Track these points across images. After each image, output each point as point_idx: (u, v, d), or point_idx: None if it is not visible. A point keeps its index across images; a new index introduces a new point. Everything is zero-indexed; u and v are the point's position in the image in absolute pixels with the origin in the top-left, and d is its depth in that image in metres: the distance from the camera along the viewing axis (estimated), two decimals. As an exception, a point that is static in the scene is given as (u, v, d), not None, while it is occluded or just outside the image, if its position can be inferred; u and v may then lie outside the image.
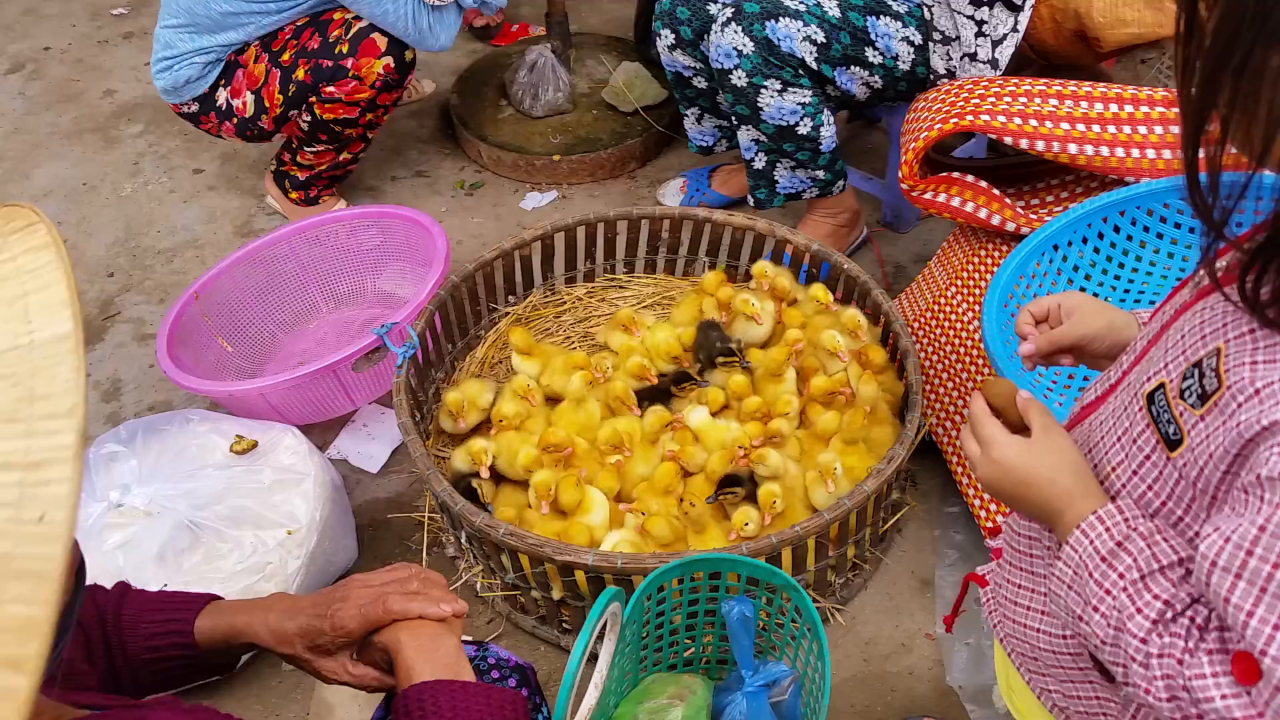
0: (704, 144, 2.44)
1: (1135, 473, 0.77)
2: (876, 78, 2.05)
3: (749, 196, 2.25)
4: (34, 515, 0.54)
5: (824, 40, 1.95)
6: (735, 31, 1.93)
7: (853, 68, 2.01)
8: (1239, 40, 0.61)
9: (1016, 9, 2.02)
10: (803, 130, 2.02)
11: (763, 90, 1.96)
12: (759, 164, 2.16)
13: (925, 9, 2.02)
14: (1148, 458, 0.76)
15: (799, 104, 1.99)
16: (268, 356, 2.24)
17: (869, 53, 2.01)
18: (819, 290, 1.92)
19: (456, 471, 1.81)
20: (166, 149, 2.85)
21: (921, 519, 1.85)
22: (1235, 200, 0.65)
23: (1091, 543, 0.76)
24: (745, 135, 2.11)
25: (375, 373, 1.98)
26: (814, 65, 1.96)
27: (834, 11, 1.97)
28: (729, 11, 1.96)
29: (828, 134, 2.07)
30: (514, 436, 1.83)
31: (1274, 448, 0.64)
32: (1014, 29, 2.05)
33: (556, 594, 1.61)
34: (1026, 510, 0.85)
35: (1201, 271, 0.73)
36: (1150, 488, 0.76)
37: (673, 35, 2.24)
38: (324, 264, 2.32)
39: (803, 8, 1.96)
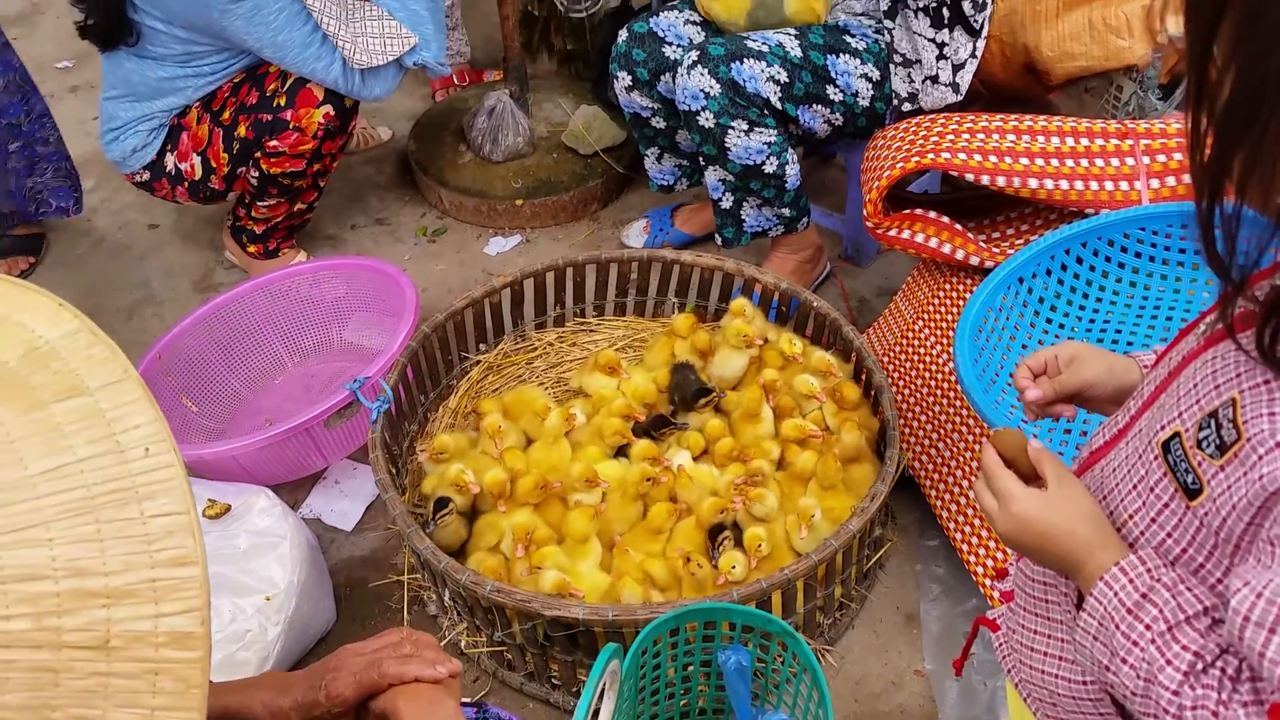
0: (665, 183, 2.46)
1: (1154, 520, 0.78)
2: (838, 115, 2.08)
3: (716, 235, 2.27)
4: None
5: (787, 80, 1.99)
6: (702, 74, 1.96)
7: (815, 106, 2.05)
8: (1259, 104, 0.61)
9: (975, 33, 2.07)
10: (769, 169, 2.05)
11: (730, 130, 1.99)
12: (726, 203, 2.18)
13: (886, 31, 2.06)
14: (1166, 505, 0.77)
15: (765, 143, 2.02)
16: (233, 415, 2.20)
17: (830, 90, 2.04)
18: (786, 343, 1.93)
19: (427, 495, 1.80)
20: (120, 204, 2.80)
21: (902, 554, 1.86)
22: (1255, 261, 0.66)
23: (1116, 594, 0.77)
24: (712, 175, 2.13)
25: (347, 428, 1.95)
26: (778, 105, 1.99)
27: (795, 51, 2.00)
28: (694, 55, 1.98)
29: (792, 172, 2.10)
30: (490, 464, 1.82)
31: None
32: (973, 54, 2.10)
33: (541, 632, 1.59)
34: (1047, 562, 0.85)
35: (1208, 319, 0.75)
36: (1170, 535, 0.77)
37: (630, 77, 2.26)
38: (288, 318, 2.29)
39: (765, 49, 1.99)
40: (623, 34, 2.28)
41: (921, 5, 2.00)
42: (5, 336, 0.66)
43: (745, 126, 1.99)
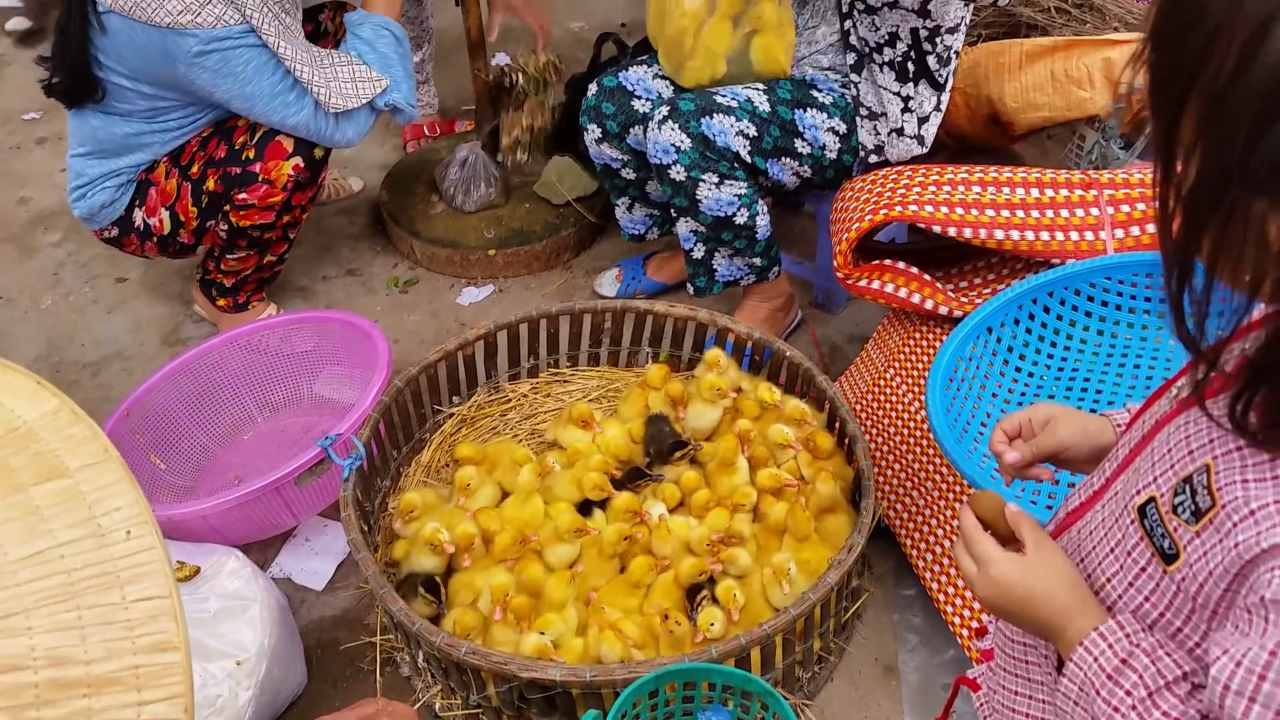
0: (636, 232, 2.48)
1: (1131, 584, 0.79)
2: (805, 167, 2.11)
3: (688, 285, 2.28)
4: None
5: (755, 134, 2.01)
6: (673, 129, 1.98)
7: (783, 159, 2.07)
8: (1225, 187, 0.62)
9: (940, 87, 2.11)
10: (740, 220, 2.07)
11: (701, 183, 2.01)
12: (698, 254, 2.19)
13: (853, 85, 2.09)
14: (1143, 570, 0.78)
15: (735, 195, 2.04)
16: (202, 472, 2.17)
17: (798, 144, 2.07)
18: (765, 391, 1.94)
19: (409, 570, 1.77)
20: (87, 257, 2.78)
21: (879, 604, 1.86)
22: (1228, 336, 0.67)
23: (1095, 660, 0.78)
24: (684, 226, 2.15)
25: (318, 484, 1.93)
26: (747, 158, 2.02)
27: (764, 106, 2.03)
28: (665, 110, 2.01)
29: (763, 222, 2.12)
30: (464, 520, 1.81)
31: (1275, 569, 0.66)
32: (937, 107, 2.14)
33: (517, 694, 1.56)
34: (1026, 626, 0.86)
35: (1180, 382, 0.76)
36: (1147, 599, 0.78)
37: (599, 130, 2.28)
38: (257, 372, 2.27)
39: (734, 104, 2.01)
40: (592, 88, 2.30)
41: (886, 60, 2.04)
42: None
43: (716, 179, 2.01)
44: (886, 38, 2.02)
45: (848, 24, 2.04)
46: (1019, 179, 1.94)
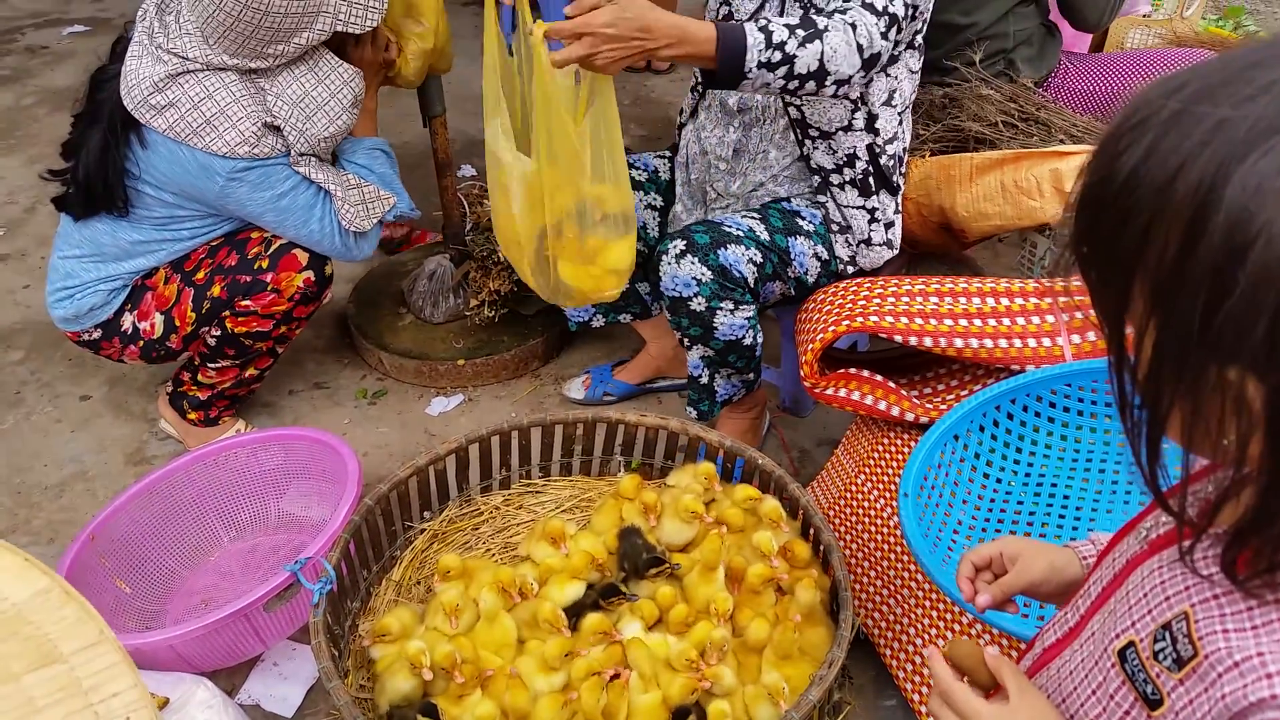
0: (580, 319, 2.48)
1: None
2: (790, 288, 2.16)
3: (690, 409, 2.28)
4: None
5: (760, 260, 2.05)
6: (693, 262, 2.00)
7: (775, 282, 2.12)
8: (1187, 353, 0.62)
9: (896, 190, 2.19)
10: (746, 341, 2.10)
11: (719, 311, 2.03)
12: (704, 379, 2.21)
13: (820, 206, 2.16)
14: (1127, 713, 0.79)
15: (745, 319, 2.07)
16: (168, 595, 2.12)
17: (789, 270, 2.12)
18: (749, 489, 1.95)
19: (390, 701, 1.73)
20: (50, 375, 2.75)
21: (860, 715, 1.84)
22: (1215, 507, 0.68)
23: None
24: (695, 354, 2.17)
25: (287, 609, 1.89)
26: (753, 284, 2.06)
27: (764, 235, 2.08)
28: (681, 244, 2.02)
29: (760, 341, 2.15)
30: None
31: None
32: (897, 210, 2.22)
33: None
34: None
35: (1147, 522, 0.78)
36: None
37: None
38: (224, 490, 2.24)
39: (740, 233, 2.06)
40: None
41: (847, 179, 2.11)
42: None
43: (731, 307, 2.03)
44: (845, 159, 2.10)
45: (805, 148, 2.11)
46: (975, 289, 2.00)
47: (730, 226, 2.06)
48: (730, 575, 1.86)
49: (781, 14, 2.03)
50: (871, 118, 2.06)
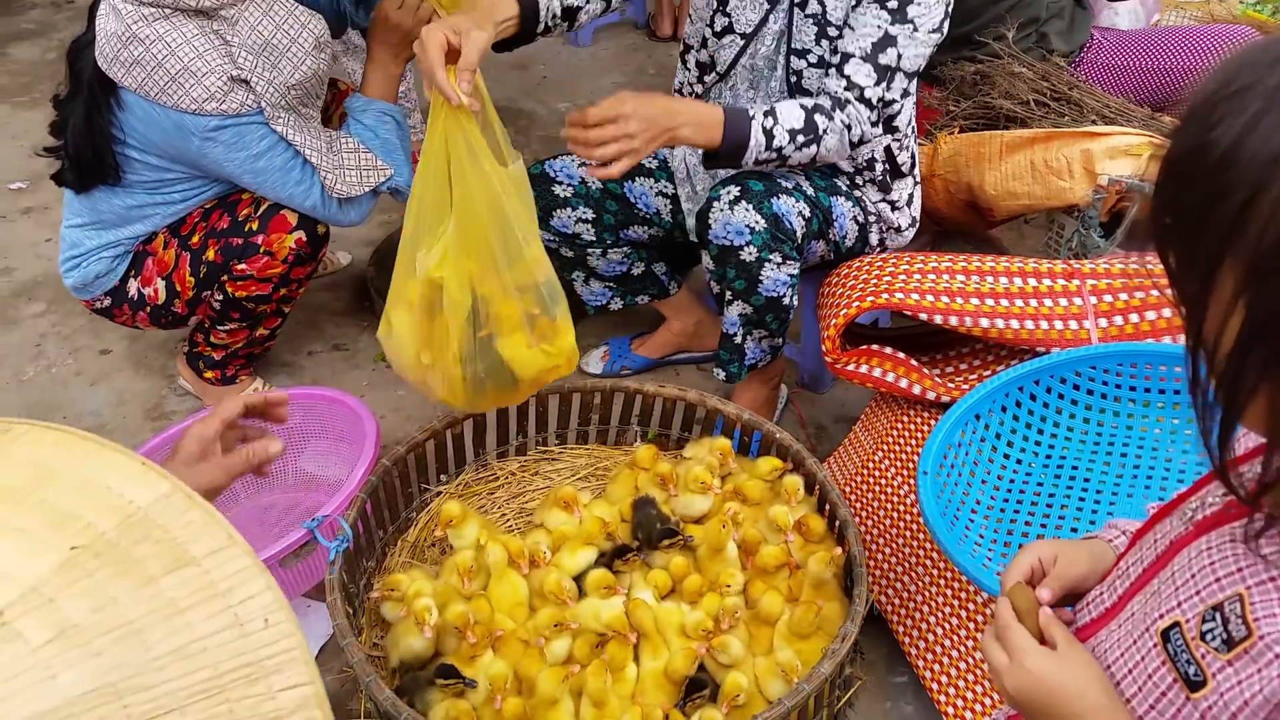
0: (598, 304, 2.46)
1: (1152, 707, 0.79)
2: (830, 252, 2.15)
3: (718, 370, 2.22)
4: None
5: (809, 215, 2.03)
6: (747, 209, 1.95)
7: (818, 241, 2.11)
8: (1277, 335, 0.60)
9: (910, 172, 2.20)
10: (785, 301, 2.06)
11: (767, 263, 1.99)
12: (739, 339, 2.15)
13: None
14: (1163, 694, 0.78)
15: (789, 275, 2.03)
16: (184, 550, 2.13)
17: (831, 230, 2.11)
18: (774, 460, 1.94)
19: (399, 657, 1.74)
20: (71, 329, 2.76)
21: (871, 691, 1.84)
22: (1263, 489, 0.67)
23: None
24: (734, 310, 2.10)
25: (302, 566, 1.90)
26: (800, 240, 2.03)
27: (810, 190, 2.06)
28: (735, 190, 1.97)
29: (796, 305, 2.13)
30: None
31: None
32: (916, 183, 2.23)
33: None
34: None
35: (1192, 503, 0.77)
36: None
37: None
38: (242, 448, 2.25)
39: (790, 185, 2.03)
40: None
41: (868, 180, 2.12)
42: (96, 502, 0.63)
43: (779, 260, 1.99)
44: (864, 164, 2.12)
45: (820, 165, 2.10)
46: (1002, 268, 1.98)
47: (781, 179, 2.03)
48: (745, 549, 1.86)
49: (789, 33, 2.01)
50: (889, 119, 2.06)
